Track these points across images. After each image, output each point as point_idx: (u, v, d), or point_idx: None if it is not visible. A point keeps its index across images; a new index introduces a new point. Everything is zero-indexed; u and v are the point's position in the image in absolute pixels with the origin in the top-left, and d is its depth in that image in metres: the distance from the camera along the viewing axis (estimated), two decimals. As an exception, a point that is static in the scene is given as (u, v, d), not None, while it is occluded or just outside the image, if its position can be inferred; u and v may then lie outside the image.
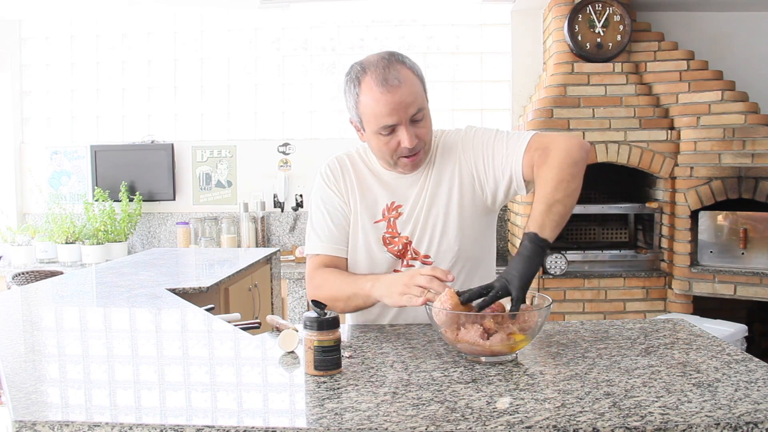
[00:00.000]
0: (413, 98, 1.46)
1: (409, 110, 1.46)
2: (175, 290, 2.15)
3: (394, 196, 1.61)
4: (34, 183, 4.65)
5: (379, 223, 1.61)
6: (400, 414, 1.00)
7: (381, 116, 1.46)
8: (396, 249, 1.60)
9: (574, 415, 0.98)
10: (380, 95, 1.44)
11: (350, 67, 1.52)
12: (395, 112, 1.45)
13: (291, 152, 4.62)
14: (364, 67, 1.48)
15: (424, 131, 1.51)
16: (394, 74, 1.45)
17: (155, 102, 4.72)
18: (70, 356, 1.37)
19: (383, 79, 1.44)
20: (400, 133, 1.47)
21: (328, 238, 1.62)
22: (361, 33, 4.66)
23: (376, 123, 1.48)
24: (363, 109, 1.48)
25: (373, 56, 1.51)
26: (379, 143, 1.51)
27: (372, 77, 1.45)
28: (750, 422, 0.95)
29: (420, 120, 1.49)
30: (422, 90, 1.51)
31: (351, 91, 1.50)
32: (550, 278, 3.80)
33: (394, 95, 1.44)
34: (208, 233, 4.47)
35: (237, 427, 0.95)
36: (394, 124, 1.47)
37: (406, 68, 1.48)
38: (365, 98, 1.46)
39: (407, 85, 1.45)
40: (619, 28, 3.88)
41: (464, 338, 1.24)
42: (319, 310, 1.20)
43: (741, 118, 3.62)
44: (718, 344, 1.35)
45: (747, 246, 3.63)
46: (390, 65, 1.46)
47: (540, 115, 3.83)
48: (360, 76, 1.47)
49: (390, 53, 1.51)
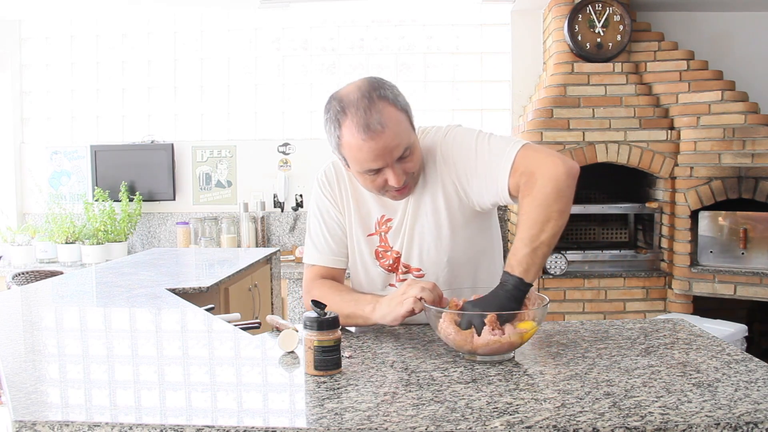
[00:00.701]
0: (398, 140, 1.37)
1: (395, 152, 1.37)
2: (175, 290, 2.15)
3: (385, 209, 1.56)
4: (34, 183, 4.65)
5: (372, 237, 1.58)
6: (400, 414, 0.99)
7: (365, 162, 1.38)
8: (387, 263, 1.58)
9: (574, 415, 0.98)
10: (363, 143, 1.35)
11: (328, 102, 1.41)
12: (380, 157, 1.37)
13: (291, 152, 4.62)
14: (344, 107, 1.37)
15: (412, 165, 1.43)
16: (377, 118, 1.34)
17: (155, 102, 4.72)
18: (70, 356, 1.37)
19: (365, 125, 1.34)
20: (387, 173, 1.40)
21: (324, 249, 1.61)
22: (361, 33, 4.66)
23: (360, 167, 1.41)
24: (346, 152, 1.40)
25: (352, 92, 1.38)
26: (366, 181, 1.45)
27: (353, 121, 1.35)
28: (750, 422, 0.95)
29: (408, 156, 1.41)
30: (408, 125, 1.41)
31: (332, 132, 1.40)
32: (550, 278, 3.80)
33: (378, 142, 1.34)
34: (208, 233, 4.47)
35: (237, 427, 0.95)
36: (380, 167, 1.39)
37: (389, 105, 1.36)
38: (347, 143, 1.37)
39: (391, 127, 1.35)
40: (619, 28, 3.88)
41: (480, 342, 1.24)
42: (319, 310, 1.20)
43: (741, 118, 3.62)
44: (718, 344, 1.35)
45: (747, 246, 3.63)
46: (371, 106, 1.34)
47: (540, 115, 3.83)
48: (340, 118, 1.37)
49: (370, 87, 1.38)
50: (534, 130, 3.81)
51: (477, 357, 1.26)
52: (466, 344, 1.24)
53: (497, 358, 1.26)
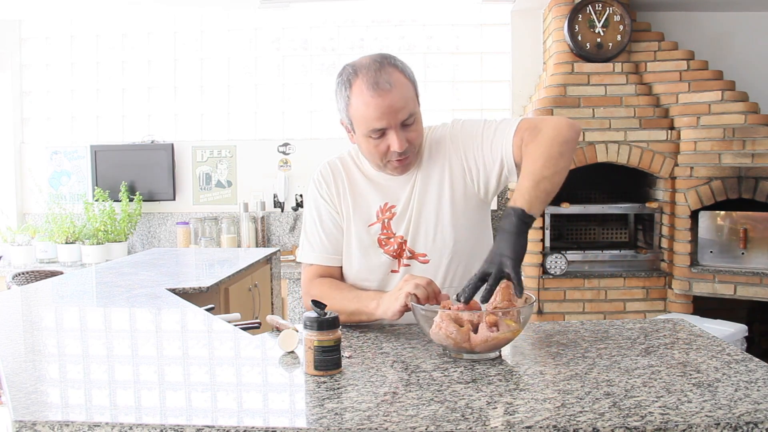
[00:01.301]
0: (404, 103, 1.45)
1: (400, 115, 1.45)
2: (175, 290, 2.15)
3: (387, 197, 1.60)
4: (34, 183, 4.65)
5: (373, 226, 1.60)
6: (400, 414, 0.99)
7: (371, 120, 1.45)
8: (392, 249, 1.60)
9: (574, 415, 0.98)
10: (370, 99, 1.43)
11: (342, 69, 1.51)
12: (385, 116, 1.44)
13: (291, 152, 4.62)
14: (356, 69, 1.46)
15: (415, 135, 1.50)
16: (386, 78, 1.43)
17: (155, 102, 4.72)
18: (70, 356, 1.37)
19: (374, 83, 1.43)
20: (390, 137, 1.46)
21: (320, 248, 1.63)
22: (361, 33, 4.67)
23: (366, 126, 1.46)
24: (353, 112, 1.47)
25: (365, 58, 1.49)
26: (369, 146, 1.50)
27: (363, 80, 1.44)
28: (750, 422, 0.95)
29: (411, 124, 1.48)
30: (414, 94, 1.50)
31: (342, 94, 1.49)
32: (550, 278, 3.80)
33: (385, 99, 1.42)
34: (208, 233, 4.47)
35: (237, 427, 0.95)
36: (384, 128, 1.46)
37: (398, 72, 1.46)
38: (356, 101, 1.45)
39: (398, 89, 1.44)
40: (619, 28, 3.88)
41: (477, 341, 1.25)
42: (319, 310, 1.20)
43: (741, 118, 3.62)
44: (718, 344, 1.35)
45: (747, 246, 3.63)
46: (382, 68, 1.44)
47: (540, 114, 3.83)
48: (351, 79, 1.46)
49: (383, 56, 1.49)
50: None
51: (464, 355, 1.27)
52: (465, 342, 1.25)
53: (484, 356, 1.27)
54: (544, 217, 3.79)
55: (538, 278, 3.80)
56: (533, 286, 3.80)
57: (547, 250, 3.85)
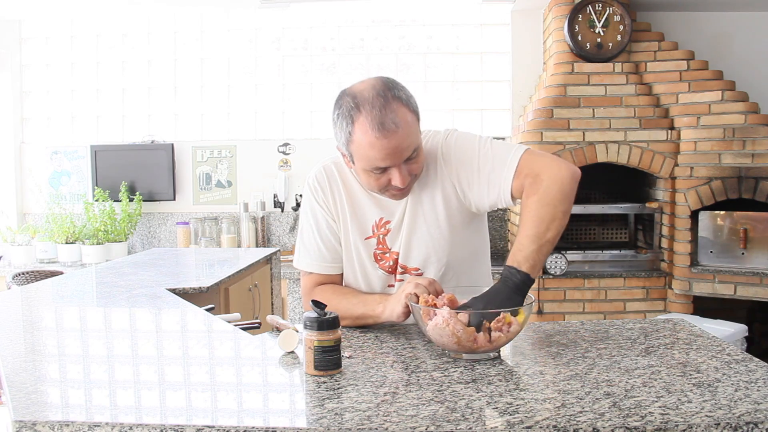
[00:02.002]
0: (409, 142, 1.38)
1: (405, 153, 1.39)
2: (175, 290, 2.15)
3: (383, 211, 1.56)
4: (34, 183, 4.65)
5: (369, 240, 1.57)
6: (400, 414, 0.99)
7: (375, 160, 1.38)
8: (387, 265, 1.58)
9: (574, 415, 0.98)
10: (376, 140, 1.35)
11: (341, 97, 1.42)
12: (390, 157, 1.37)
13: (291, 152, 4.62)
14: (358, 103, 1.37)
15: (417, 167, 1.45)
16: (392, 117, 1.35)
17: (155, 102, 4.72)
18: (70, 356, 1.37)
19: (380, 123, 1.34)
20: (393, 173, 1.41)
21: (318, 257, 1.60)
22: (361, 33, 4.66)
23: (368, 164, 1.40)
24: (355, 149, 1.40)
25: (366, 89, 1.38)
26: (369, 179, 1.45)
27: (367, 119, 1.35)
28: (750, 422, 0.95)
29: (414, 158, 1.42)
30: (417, 127, 1.42)
31: (342, 128, 1.40)
32: (550, 278, 3.80)
33: (391, 141, 1.35)
34: (208, 233, 4.46)
35: (237, 427, 0.95)
36: (387, 167, 1.40)
37: (403, 106, 1.38)
38: (359, 139, 1.37)
39: (404, 128, 1.36)
40: (619, 28, 3.88)
41: (482, 341, 1.25)
42: (319, 310, 1.20)
43: (741, 118, 3.62)
44: (718, 344, 1.35)
45: (747, 246, 3.63)
46: (387, 105, 1.35)
47: (540, 115, 3.83)
48: (354, 114, 1.37)
49: (385, 87, 1.39)
50: (534, 130, 3.81)
51: (463, 356, 1.28)
52: (470, 342, 1.25)
53: (483, 356, 1.28)
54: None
55: (538, 278, 3.79)
56: (533, 286, 3.79)
57: (547, 250, 3.84)
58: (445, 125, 4.42)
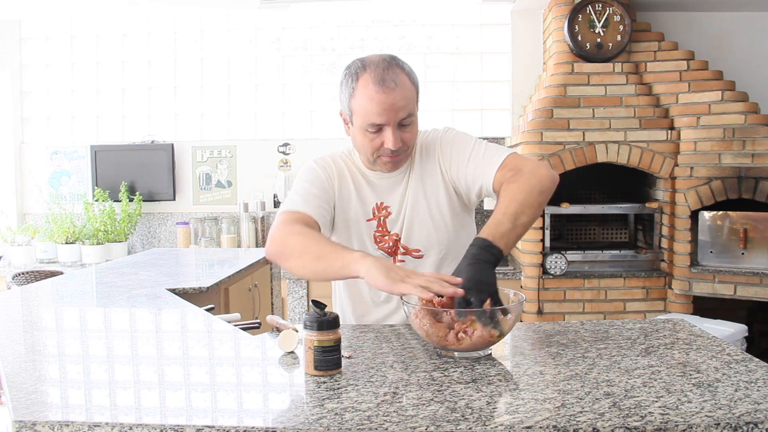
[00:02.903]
0: (405, 103, 1.51)
1: (399, 114, 1.51)
2: (175, 290, 2.15)
3: (382, 196, 1.66)
4: (34, 183, 4.65)
5: (371, 222, 1.66)
6: (400, 414, 0.99)
7: (371, 114, 1.50)
8: (387, 246, 1.66)
9: (574, 415, 0.98)
10: (375, 93, 1.48)
11: (351, 62, 1.57)
12: (385, 112, 1.49)
13: (291, 152, 4.62)
14: (365, 64, 1.52)
15: (409, 136, 1.56)
16: (392, 76, 1.49)
17: (155, 102, 4.72)
18: (70, 356, 1.37)
19: (381, 79, 1.48)
20: (386, 133, 1.52)
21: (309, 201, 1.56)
22: (361, 33, 4.66)
23: (365, 119, 1.52)
24: (355, 104, 1.53)
25: (375, 56, 1.55)
26: (364, 140, 1.56)
27: (370, 75, 1.50)
28: (750, 422, 0.95)
29: (408, 125, 1.54)
30: (415, 97, 1.56)
31: (347, 85, 1.54)
32: (550, 278, 3.80)
33: (388, 96, 1.48)
34: (208, 233, 4.47)
35: (237, 427, 0.95)
36: (382, 124, 1.51)
37: (404, 74, 1.53)
38: (360, 94, 1.51)
39: (402, 89, 1.50)
40: (619, 28, 3.88)
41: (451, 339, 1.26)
42: (319, 310, 1.20)
43: (741, 118, 3.62)
44: (718, 344, 1.35)
45: (747, 246, 3.63)
46: (390, 67, 1.51)
47: (540, 115, 3.83)
48: (359, 72, 1.52)
49: (392, 57, 1.55)
50: (534, 130, 3.81)
51: (455, 354, 1.28)
52: (440, 339, 1.26)
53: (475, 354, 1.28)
54: (544, 217, 3.79)
55: (538, 278, 3.79)
56: (533, 287, 3.80)
57: (547, 250, 3.85)
58: (444, 125, 4.41)
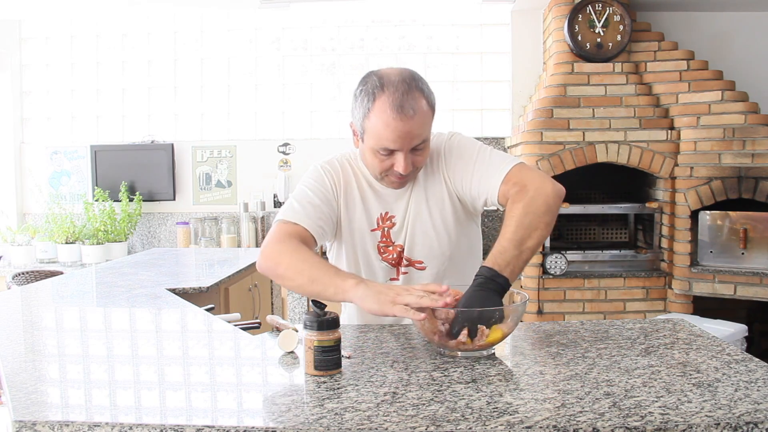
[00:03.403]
0: (421, 131, 1.45)
1: (414, 141, 1.46)
2: (175, 290, 2.15)
3: (386, 206, 1.61)
4: (34, 183, 4.65)
5: (375, 232, 1.62)
6: (400, 414, 0.99)
7: (385, 140, 1.45)
8: (390, 258, 1.61)
9: (574, 415, 0.98)
10: (391, 120, 1.42)
11: (367, 76, 1.49)
12: (400, 140, 1.44)
13: (291, 152, 4.62)
14: (383, 83, 1.44)
15: (421, 159, 1.52)
16: (411, 103, 1.42)
17: (155, 102, 4.72)
18: (70, 356, 1.37)
19: (399, 105, 1.41)
20: (398, 158, 1.47)
21: (306, 211, 1.52)
22: (361, 33, 4.66)
23: (377, 143, 1.46)
24: (369, 125, 1.46)
25: (394, 74, 1.46)
26: (374, 160, 1.51)
27: (388, 99, 1.42)
28: (750, 422, 0.95)
29: (421, 149, 1.49)
30: (431, 121, 1.50)
31: (362, 103, 1.47)
32: (550, 278, 3.80)
33: (405, 125, 1.42)
34: (208, 233, 4.47)
35: (237, 427, 0.95)
36: (395, 150, 1.46)
37: (423, 98, 1.45)
38: (375, 116, 1.44)
39: (420, 116, 1.44)
40: (619, 28, 3.88)
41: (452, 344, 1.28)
42: (319, 310, 1.20)
43: (741, 118, 3.62)
44: (718, 344, 1.35)
45: (747, 246, 3.63)
46: (409, 92, 1.43)
47: (540, 115, 3.83)
48: (376, 92, 1.44)
49: (411, 76, 1.47)
50: (534, 130, 3.81)
51: (459, 353, 1.29)
52: (431, 334, 1.28)
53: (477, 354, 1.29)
54: (544, 217, 3.78)
55: (538, 278, 3.79)
56: (533, 286, 3.80)
57: (547, 250, 3.85)
58: (444, 125, 4.42)
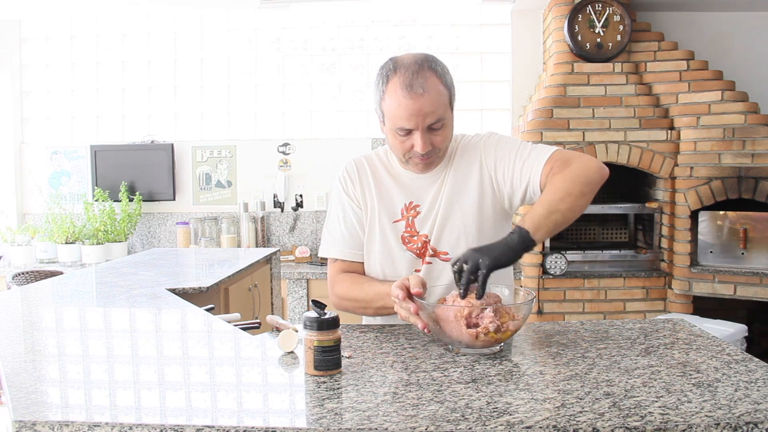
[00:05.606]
0: (433, 108, 1.49)
1: (427, 119, 1.49)
2: (175, 290, 2.15)
3: (412, 196, 1.64)
4: (34, 183, 4.65)
5: (398, 223, 1.65)
6: (400, 414, 0.99)
7: (399, 119, 1.49)
8: (415, 247, 1.63)
9: (574, 415, 0.98)
10: (402, 99, 1.47)
11: (385, 62, 1.56)
12: (412, 118, 1.48)
13: (291, 152, 4.62)
14: (396, 66, 1.50)
15: (440, 139, 1.55)
16: (421, 82, 1.47)
17: (155, 102, 4.72)
18: (70, 356, 1.37)
19: (408, 84, 1.46)
20: (415, 137, 1.51)
21: (341, 242, 1.68)
22: (361, 33, 4.66)
23: (394, 123, 1.52)
24: (385, 107, 1.52)
25: (408, 56, 1.53)
26: (395, 141, 1.55)
27: (399, 79, 1.48)
28: (750, 422, 0.95)
29: (438, 129, 1.52)
30: (447, 100, 1.54)
31: (378, 87, 1.54)
32: (550, 278, 3.80)
33: (415, 102, 1.46)
34: (208, 233, 4.46)
35: (237, 427, 0.95)
36: (411, 128, 1.50)
37: (436, 77, 1.50)
38: (389, 97, 1.50)
39: (431, 94, 1.48)
40: (619, 28, 3.88)
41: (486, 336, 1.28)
42: (319, 310, 1.20)
43: (741, 118, 3.62)
44: (718, 344, 1.35)
45: (747, 246, 3.63)
46: (420, 71, 1.48)
47: (540, 115, 3.83)
48: (389, 74, 1.50)
49: (425, 57, 1.52)
50: (534, 130, 3.81)
51: (462, 349, 1.30)
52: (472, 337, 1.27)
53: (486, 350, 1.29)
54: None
55: (538, 278, 3.80)
56: (533, 286, 3.80)
57: (547, 250, 3.85)
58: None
